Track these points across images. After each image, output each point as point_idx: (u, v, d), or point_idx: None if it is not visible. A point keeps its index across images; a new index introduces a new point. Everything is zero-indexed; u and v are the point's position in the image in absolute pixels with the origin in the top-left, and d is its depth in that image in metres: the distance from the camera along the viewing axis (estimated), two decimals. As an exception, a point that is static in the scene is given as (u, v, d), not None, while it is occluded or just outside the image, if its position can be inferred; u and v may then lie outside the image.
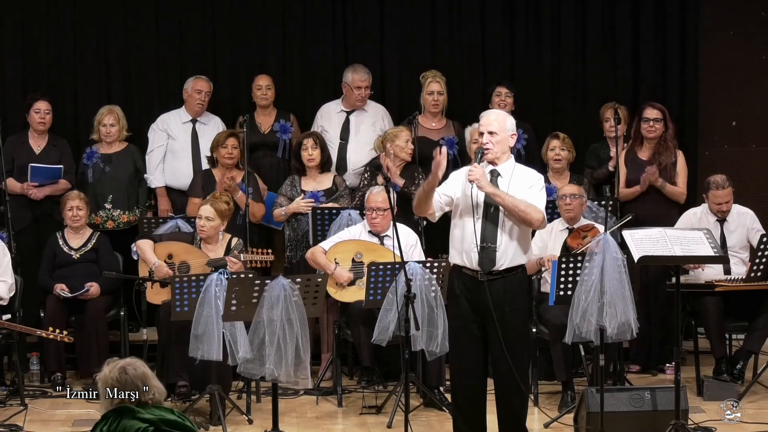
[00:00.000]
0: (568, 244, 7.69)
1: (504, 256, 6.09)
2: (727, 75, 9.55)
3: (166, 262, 7.69)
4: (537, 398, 7.64)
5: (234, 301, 6.80)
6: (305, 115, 9.08)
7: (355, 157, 8.77)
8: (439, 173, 6.01)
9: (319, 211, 8.17)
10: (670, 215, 8.22)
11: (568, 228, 7.88)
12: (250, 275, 7.03)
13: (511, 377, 6.08)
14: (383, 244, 7.76)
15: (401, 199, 7.97)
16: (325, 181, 8.44)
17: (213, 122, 8.92)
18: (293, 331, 6.71)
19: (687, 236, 6.70)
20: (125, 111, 8.86)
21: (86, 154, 8.74)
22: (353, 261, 7.73)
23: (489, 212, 6.08)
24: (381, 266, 7.36)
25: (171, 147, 8.83)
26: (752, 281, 7.75)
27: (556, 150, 8.46)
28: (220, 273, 7.01)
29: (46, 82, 9.21)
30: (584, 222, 7.89)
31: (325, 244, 7.80)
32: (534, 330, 7.67)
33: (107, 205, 8.65)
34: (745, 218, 8.17)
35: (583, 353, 7.68)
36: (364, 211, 7.89)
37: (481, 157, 6.12)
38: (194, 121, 8.88)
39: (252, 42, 9.38)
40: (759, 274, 7.73)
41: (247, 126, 8.43)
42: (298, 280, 6.85)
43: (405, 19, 9.41)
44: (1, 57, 9.24)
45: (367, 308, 7.42)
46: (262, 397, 7.71)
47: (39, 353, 8.25)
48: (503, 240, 6.09)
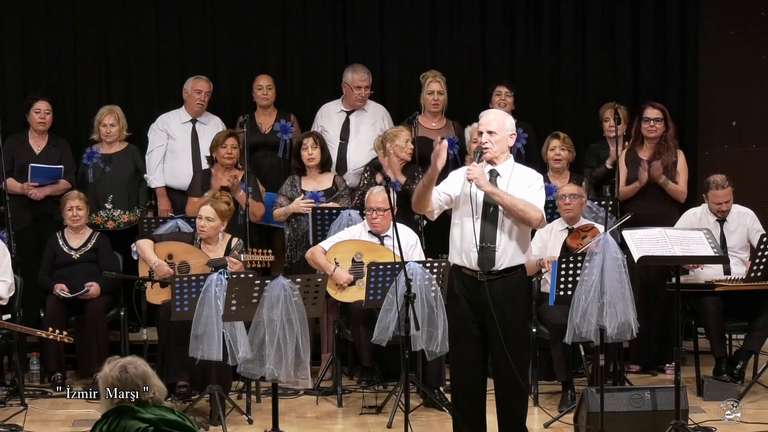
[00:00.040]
0: (568, 244, 7.69)
1: (503, 256, 6.08)
2: (727, 75, 9.55)
3: (166, 262, 7.69)
4: (537, 398, 7.64)
5: (234, 301, 6.80)
6: (305, 115, 9.08)
7: (355, 157, 8.77)
8: (439, 164, 5.99)
9: (319, 211, 8.17)
10: (670, 215, 8.22)
11: (567, 228, 7.88)
12: (250, 275, 7.03)
13: (511, 377, 6.07)
14: (383, 244, 7.76)
15: (401, 200, 7.97)
16: (325, 181, 8.44)
17: (213, 122, 8.92)
18: (293, 331, 6.71)
19: (687, 236, 6.70)
20: (125, 111, 8.86)
21: (86, 154, 8.73)
22: (353, 261, 7.72)
23: (488, 212, 6.07)
24: (381, 266, 7.36)
25: (171, 147, 8.83)
26: (752, 281, 7.75)
27: (557, 150, 8.46)
28: (220, 273, 7.01)
29: (46, 82, 9.21)
30: (584, 222, 7.89)
31: (325, 244, 7.80)
32: (534, 330, 7.67)
33: (108, 205, 8.65)
34: (745, 218, 8.17)
35: (583, 353, 7.68)
36: (364, 211, 7.89)
37: (480, 157, 6.12)
38: (194, 121, 8.88)
39: (252, 42, 9.38)
40: (759, 274, 7.73)
41: (247, 126, 8.43)
42: (298, 280, 6.85)
43: (405, 19, 9.41)
44: (1, 57, 9.24)
45: (367, 308, 7.42)
46: (262, 397, 7.70)
47: (39, 353, 8.24)
48: (502, 240, 6.08)
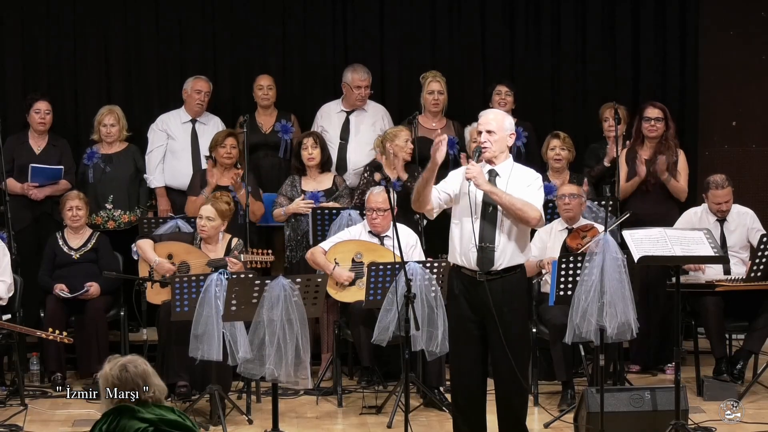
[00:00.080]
0: (568, 244, 7.68)
1: (502, 256, 6.08)
2: (727, 75, 9.55)
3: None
4: (537, 398, 7.63)
5: (234, 301, 6.80)
6: (305, 115, 9.07)
7: (355, 157, 8.77)
8: (438, 157, 5.98)
9: (319, 211, 8.17)
10: (671, 214, 8.21)
11: (567, 228, 7.88)
12: (250, 275, 7.03)
13: (511, 377, 6.07)
14: (383, 244, 7.76)
15: (401, 199, 7.97)
16: (325, 181, 8.44)
17: (213, 122, 8.91)
18: (293, 331, 6.71)
19: (687, 236, 6.70)
20: (125, 111, 8.86)
21: (87, 155, 8.73)
22: (353, 261, 7.72)
23: (487, 212, 6.07)
24: (381, 266, 7.36)
25: (171, 147, 8.82)
26: (752, 281, 7.75)
27: (557, 149, 8.46)
28: (220, 273, 7.01)
29: (46, 82, 9.21)
30: (583, 222, 7.89)
31: (325, 245, 7.79)
32: (534, 330, 7.67)
33: (108, 206, 8.65)
34: (745, 218, 8.17)
35: (583, 353, 7.67)
36: (364, 211, 7.89)
37: (479, 156, 6.12)
38: (194, 121, 8.88)
39: (252, 42, 9.38)
40: (759, 274, 7.72)
41: (247, 126, 8.42)
42: (298, 280, 6.85)
43: (405, 19, 9.41)
44: (1, 57, 9.24)
45: (367, 308, 7.41)
46: (262, 397, 7.70)
47: (39, 353, 8.24)
48: (501, 240, 6.07)
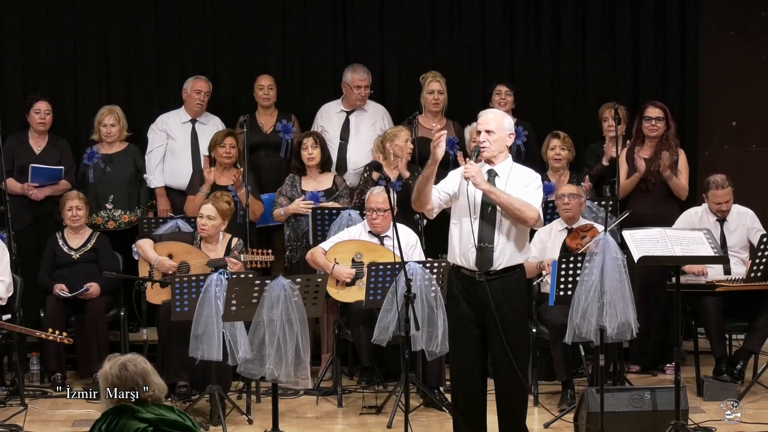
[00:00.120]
0: (567, 244, 7.68)
1: (501, 256, 6.08)
2: (727, 75, 9.55)
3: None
4: (537, 398, 7.64)
5: (234, 301, 6.80)
6: (305, 115, 9.07)
7: (355, 157, 8.77)
8: (438, 153, 5.98)
9: (319, 211, 8.17)
10: (671, 214, 8.21)
11: (566, 228, 7.88)
12: (250, 275, 7.02)
13: (511, 377, 6.08)
14: (383, 244, 7.76)
15: (401, 200, 7.97)
16: (325, 181, 8.44)
17: (212, 122, 8.91)
18: (293, 331, 6.71)
19: (687, 236, 6.70)
20: (125, 111, 8.85)
21: (87, 155, 8.73)
22: (353, 261, 7.72)
23: (486, 212, 6.07)
24: (381, 266, 7.36)
25: (171, 147, 8.82)
26: (752, 281, 7.75)
27: (557, 149, 8.46)
28: (220, 273, 7.01)
29: (46, 82, 9.21)
30: (583, 222, 7.89)
31: (325, 245, 7.79)
32: (534, 330, 7.67)
33: (108, 206, 8.65)
34: (745, 218, 8.17)
35: (583, 353, 7.67)
36: (365, 211, 7.89)
37: (477, 155, 6.12)
38: (194, 121, 8.88)
39: (252, 42, 9.38)
40: (759, 274, 7.72)
41: (247, 126, 8.41)
42: (298, 280, 6.85)
43: (405, 19, 9.41)
44: (1, 57, 9.24)
45: (367, 308, 7.42)
46: (262, 397, 7.70)
47: (39, 353, 8.24)
48: (500, 240, 6.07)
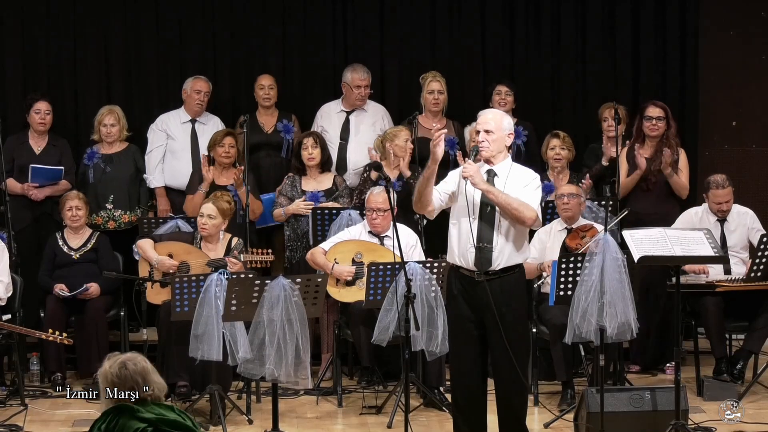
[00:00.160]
0: (567, 244, 7.68)
1: (500, 256, 6.07)
2: (727, 75, 9.55)
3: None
4: (537, 398, 7.64)
5: (234, 301, 6.80)
6: (305, 115, 9.07)
7: (355, 157, 8.77)
8: (438, 152, 5.97)
9: (319, 211, 8.17)
10: (671, 214, 8.21)
11: (566, 228, 7.88)
12: (250, 275, 7.02)
13: (511, 377, 6.07)
14: (383, 244, 7.76)
15: (401, 200, 7.97)
16: (325, 181, 8.44)
17: (212, 122, 8.91)
18: (293, 331, 6.71)
19: (687, 236, 6.70)
20: (125, 111, 8.85)
21: (87, 155, 8.73)
22: (353, 261, 7.72)
23: (485, 212, 6.06)
24: (381, 266, 7.36)
25: (170, 147, 8.82)
26: (752, 281, 7.75)
27: (557, 149, 8.46)
28: (220, 273, 7.01)
29: (46, 82, 9.21)
30: (583, 222, 7.89)
31: (325, 245, 7.79)
32: (534, 330, 7.67)
33: (108, 206, 8.65)
34: (746, 218, 8.17)
35: (583, 353, 7.67)
36: (365, 211, 7.89)
37: (476, 155, 6.12)
38: (193, 121, 8.88)
39: (252, 42, 9.38)
40: (759, 274, 7.72)
41: (247, 126, 8.41)
42: (298, 280, 6.85)
43: (405, 19, 9.41)
44: (1, 57, 9.24)
45: (367, 308, 7.41)
46: (262, 397, 7.70)
47: (39, 353, 8.24)
48: (499, 240, 6.07)
